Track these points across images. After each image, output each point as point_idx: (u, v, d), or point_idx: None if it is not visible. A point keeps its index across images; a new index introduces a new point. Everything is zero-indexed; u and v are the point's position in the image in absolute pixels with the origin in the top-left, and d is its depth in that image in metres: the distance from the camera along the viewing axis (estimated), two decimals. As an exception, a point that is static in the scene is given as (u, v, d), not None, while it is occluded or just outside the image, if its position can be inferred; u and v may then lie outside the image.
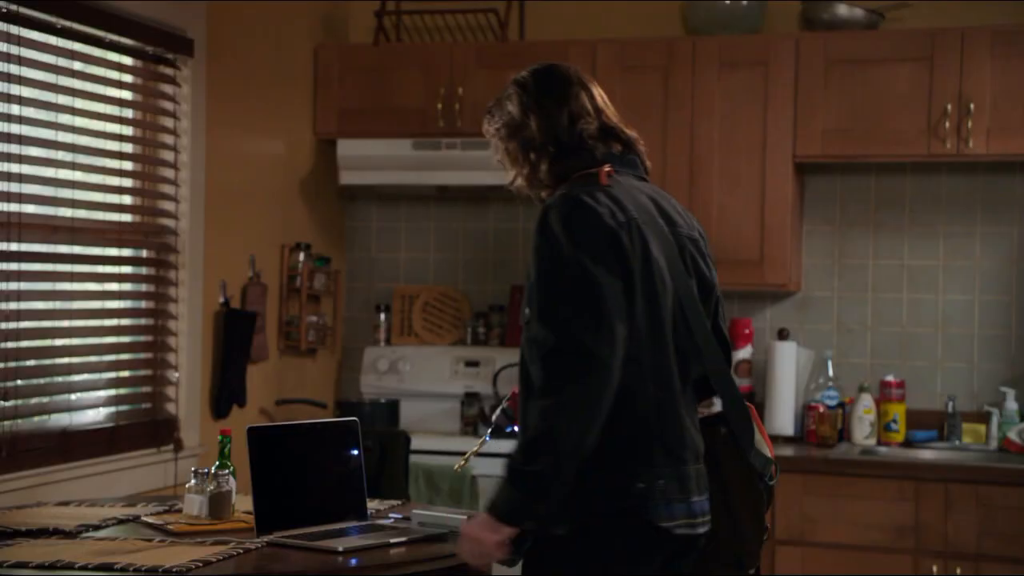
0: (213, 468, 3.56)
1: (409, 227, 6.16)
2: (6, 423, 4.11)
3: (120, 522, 3.53)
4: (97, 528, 3.43)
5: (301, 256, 5.67)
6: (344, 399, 5.94)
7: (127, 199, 4.73)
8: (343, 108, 5.80)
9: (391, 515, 3.65)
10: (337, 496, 3.55)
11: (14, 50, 4.07)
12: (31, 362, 4.28)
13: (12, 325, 4.13)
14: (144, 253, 4.80)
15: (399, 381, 5.92)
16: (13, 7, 4.04)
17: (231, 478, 3.57)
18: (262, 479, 3.36)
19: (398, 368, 5.94)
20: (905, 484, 4.90)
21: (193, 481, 3.57)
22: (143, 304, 4.81)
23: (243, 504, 3.62)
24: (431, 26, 5.98)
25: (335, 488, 3.56)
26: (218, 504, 3.53)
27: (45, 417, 4.36)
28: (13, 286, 4.13)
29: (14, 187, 4.10)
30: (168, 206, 4.87)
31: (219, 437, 3.64)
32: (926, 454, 5.25)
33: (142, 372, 4.80)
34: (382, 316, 6.07)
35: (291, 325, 5.67)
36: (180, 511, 3.65)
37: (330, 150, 5.87)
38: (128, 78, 4.68)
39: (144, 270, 4.81)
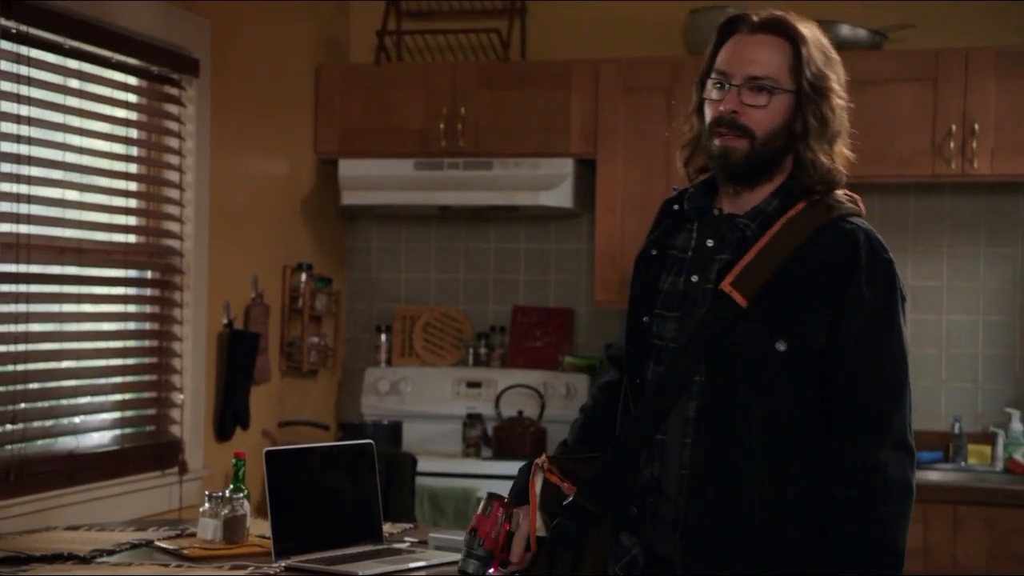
0: (228, 491, 3.53)
1: (409, 247, 6.14)
2: (14, 446, 4.07)
3: (133, 547, 3.49)
4: (111, 553, 3.39)
5: (303, 277, 5.64)
6: (346, 420, 5.91)
7: (132, 220, 4.70)
8: (345, 128, 5.78)
9: (406, 538, 3.62)
10: (353, 520, 3.52)
11: (23, 71, 4.05)
12: (37, 385, 4.23)
13: (20, 347, 4.10)
14: (149, 274, 4.77)
15: (400, 402, 5.89)
16: (23, 27, 4.01)
17: (245, 502, 3.54)
18: (279, 503, 3.33)
19: (399, 389, 5.91)
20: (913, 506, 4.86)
21: (207, 505, 3.53)
22: (147, 325, 4.78)
23: (256, 528, 3.59)
24: (432, 46, 5.96)
25: (351, 511, 3.53)
26: (233, 528, 3.49)
27: (51, 440, 4.32)
28: (22, 308, 4.10)
29: (23, 208, 4.07)
30: (173, 227, 4.84)
31: (233, 460, 3.61)
32: (933, 475, 5.23)
33: (146, 394, 4.77)
34: (383, 337, 6.04)
35: (293, 346, 5.64)
36: (193, 535, 3.61)
37: (331, 170, 5.85)
38: (133, 98, 4.66)
39: (148, 291, 4.78)
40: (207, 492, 3.57)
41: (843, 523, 2.51)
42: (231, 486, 3.55)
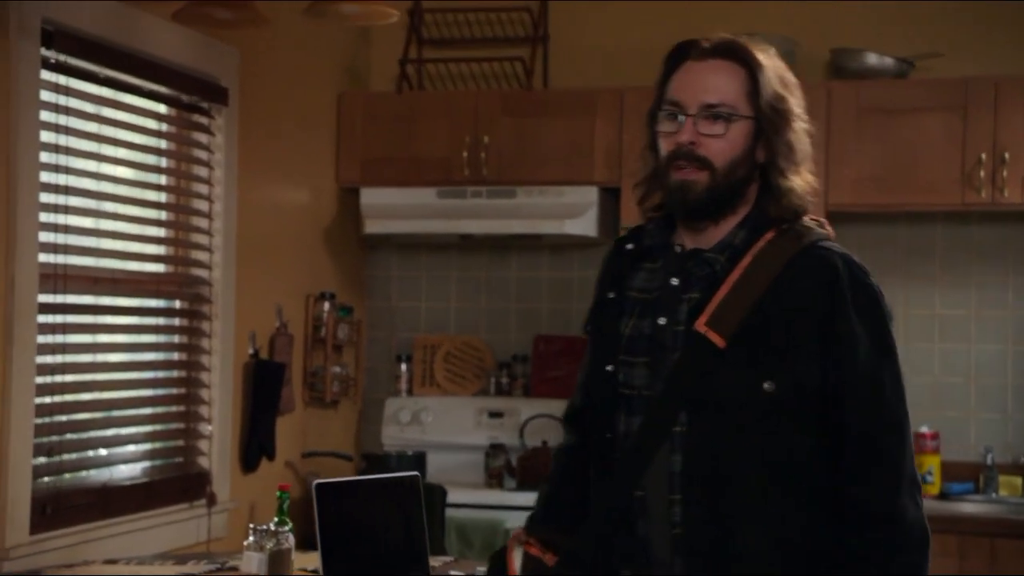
0: (272, 524, 3.48)
1: (430, 276, 6.09)
2: (49, 479, 4.02)
3: (178, 581, 3.45)
4: (157, 588, 3.35)
5: (326, 306, 5.59)
6: (368, 451, 5.86)
7: (162, 249, 4.66)
8: (367, 157, 5.74)
9: (451, 572, 3.58)
10: (400, 553, 3.47)
11: (62, 100, 4.01)
12: (66, 417, 4.18)
13: (57, 379, 4.05)
14: (177, 303, 4.73)
15: (421, 432, 5.83)
16: (62, 57, 3.98)
17: (290, 535, 3.49)
18: (329, 536, 3.28)
19: (420, 419, 5.85)
20: (947, 539, 4.79)
21: (252, 538, 3.48)
22: (176, 356, 4.73)
23: (299, 561, 3.54)
24: (455, 74, 5.93)
25: (398, 545, 3.48)
26: (279, 561, 3.44)
27: (84, 473, 4.27)
28: (59, 339, 4.05)
29: (60, 238, 4.03)
30: (202, 256, 4.80)
31: (277, 493, 3.56)
32: (967, 507, 5.17)
33: (175, 425, 4.72)
34: (403, 366, 5.99)
35: (316, 376, 5.59)
36: (234, 569, 3.57)
37: (353, 198, 5.80)
38: (164, 127, 4.63)
39: (177, 321, 4.74)
40: (251, 525, 3.51)
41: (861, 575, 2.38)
42: (275, 519, 3.50)
